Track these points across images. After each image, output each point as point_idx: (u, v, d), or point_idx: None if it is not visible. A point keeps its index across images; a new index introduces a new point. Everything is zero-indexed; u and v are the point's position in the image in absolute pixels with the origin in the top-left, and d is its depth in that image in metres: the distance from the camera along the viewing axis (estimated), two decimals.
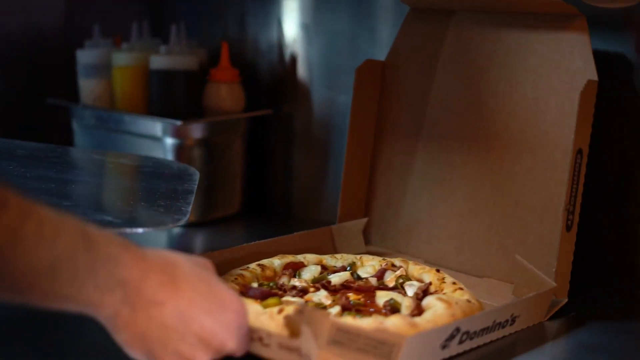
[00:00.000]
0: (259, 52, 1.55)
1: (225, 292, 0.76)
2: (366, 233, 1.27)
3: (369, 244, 1.26)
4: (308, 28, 1.47)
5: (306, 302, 0.96)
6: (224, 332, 0.74)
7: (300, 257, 1.10)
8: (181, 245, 1.39)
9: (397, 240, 1.24)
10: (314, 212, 1.45)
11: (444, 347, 0.87)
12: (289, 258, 1.10)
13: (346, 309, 0.93)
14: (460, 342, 0.89)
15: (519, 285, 1.05)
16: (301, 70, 1.48)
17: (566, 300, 1.03)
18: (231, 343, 0.76)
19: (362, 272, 1.07)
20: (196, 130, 1.43)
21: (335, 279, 1.04)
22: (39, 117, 1.73)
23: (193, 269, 0.75)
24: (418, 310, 0.93)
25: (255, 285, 1.01)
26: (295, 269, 1.08)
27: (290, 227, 1.23)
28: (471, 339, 0.90)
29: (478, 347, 0.92)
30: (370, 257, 1.11)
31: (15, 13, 1.68)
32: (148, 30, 1.58)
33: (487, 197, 1.14)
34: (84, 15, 1.73)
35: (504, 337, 0.96)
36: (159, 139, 1.43)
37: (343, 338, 0.80)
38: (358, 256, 1.12)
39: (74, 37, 1.67)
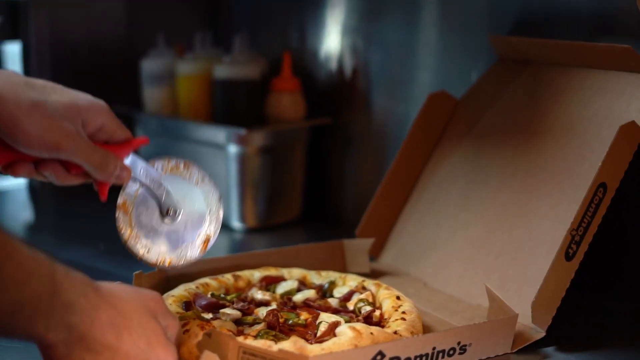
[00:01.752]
0: (318, 61, 1.58)
1: (162, 350, 0.79)
2: (381, 251, 1.27)
3: (378, 261, 1.26)
4: (368, 38, 1.49)
5: (247, 315, 0.97)
6: None
7: (284, 271, 1.11)
8: (242, 247, 1.43)
9: (406, 262, 1.22)
10: None
11: None
12: (271, 271, 1.11)
13: (271, 327, 0.93)
14: None
15: (490, 314, 0.98)
16: (360, 80, 1.51)
17: (543, 334, 0.96)
18: None
19: (337, 292, 1.06)
20: (259, 138, 1.47)
21: (299, 296, 1.04)
22: None
23: (140, 321, 0.78)
24: (330, 336, 0.90)
25: (208, 295, 1.02)
26: (270, 282, 1.08)
27: (346, 233, 1.27)
28: None
29: None
30: (353, 276, 1.10)
31: (79, 24, 1.74)
32: (210, 40, 1.62)
33: (503, 228, 1.10)
34: (144, 26, 1.78)
35: None
36: (222, 146, 1.47)
37: None
38: (343, 275, 1.10)
39: (136, 47, 1.71)
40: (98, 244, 1.38)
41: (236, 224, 1.48)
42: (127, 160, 0.93)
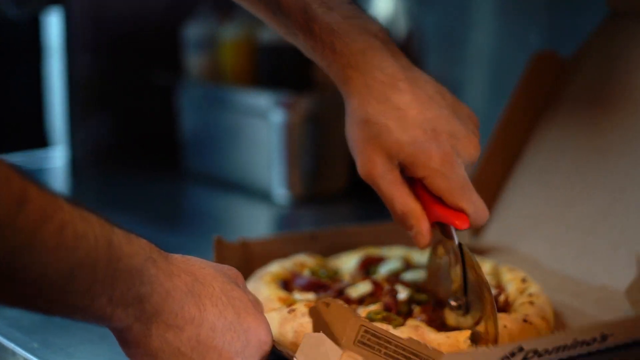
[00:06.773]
0: None
1: (252, 320, 0.70)
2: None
3: (480, 237, 1.12)
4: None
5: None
6: None
7: (384, 250, 1.00)
8: (287, 220, 1.39)
9: (512, 237, 1.09)
10: None
11: None
12: (370, 250, 1.00)
13: (388, 308, 0.84)
14: (526, 359, 0.78)
15: (634, 289, 0.87)
16: (413, 43, 1.46)
17: None
18: None
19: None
20: (306, 104, 1.42)
21: (408, 275, 0.93)
22: (145, 94, 1.74)
23: (223, 288, 0.69)
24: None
25: (307, 272, 0.94)
26: (370, 263, 0.97)
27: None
28: (540, 355, 0.79)
29: None
30: None
31: None
32: None
33: (629, 198, 0.99)
34: None
35: (596, 352, 0.82)
36: (268, 114, 1.42)
37: (371, 341, 0.74)
38: None
39: (178, 13, 1.68)
40: (141, 212, 1.36)
41: (280, 191, 1.43)
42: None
